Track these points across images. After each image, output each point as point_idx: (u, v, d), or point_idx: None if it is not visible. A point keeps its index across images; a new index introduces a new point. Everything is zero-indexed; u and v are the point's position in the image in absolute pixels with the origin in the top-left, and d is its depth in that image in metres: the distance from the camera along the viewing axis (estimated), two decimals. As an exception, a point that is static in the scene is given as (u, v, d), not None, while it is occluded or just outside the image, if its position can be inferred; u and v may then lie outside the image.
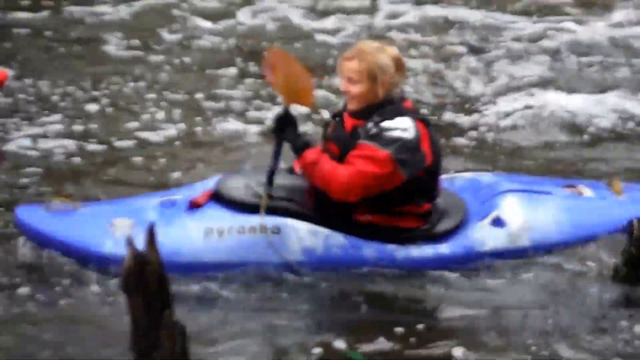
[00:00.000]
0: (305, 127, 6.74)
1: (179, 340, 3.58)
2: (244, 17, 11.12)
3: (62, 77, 8.93)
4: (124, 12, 11.09)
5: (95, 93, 8.50)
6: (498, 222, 5.08)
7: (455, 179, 5.50)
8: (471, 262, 5.13)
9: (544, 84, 9.06)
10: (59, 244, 5.06)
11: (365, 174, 4.77)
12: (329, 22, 10.91)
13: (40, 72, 9.11)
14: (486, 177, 5.69)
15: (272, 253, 5.00)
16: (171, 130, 7.73)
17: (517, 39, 10.63)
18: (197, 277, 4.95)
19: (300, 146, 4.89)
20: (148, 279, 3.49)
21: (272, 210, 5.02)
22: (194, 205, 5.14)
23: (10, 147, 7.45)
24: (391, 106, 4.95)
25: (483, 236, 5.06)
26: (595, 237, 5.28)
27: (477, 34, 10.80)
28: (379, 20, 11.16)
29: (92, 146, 7.52)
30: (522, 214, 5.18)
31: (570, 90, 8.79)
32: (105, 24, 10.80)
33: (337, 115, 5.27)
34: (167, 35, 10.36)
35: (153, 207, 5.24)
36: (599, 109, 8.16)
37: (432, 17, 11.21)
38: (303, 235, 5.03)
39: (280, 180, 5.23)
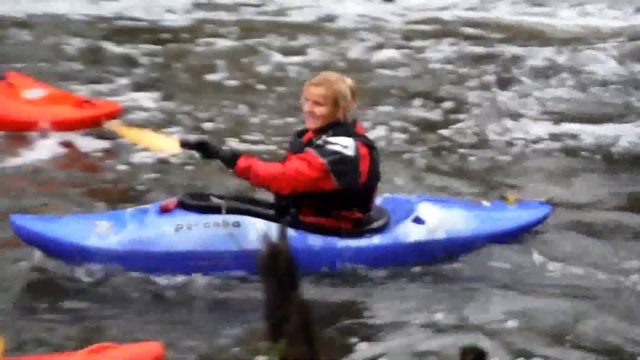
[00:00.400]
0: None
1: (304, 315, 3.64)
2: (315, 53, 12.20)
3: (186, 99, 9.98)
4: (224, 46, 12.33)
5: (209, 114, 9.38)
6: (418, 220, 5.55)
7: (378, 198, 5.72)
8: (399, 253, 5.53)
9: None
10: (51, 242, 5.35)
11: (296, 172, 5.16)
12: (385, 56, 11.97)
13: (170, 94, 9.97)
14: (404, 196, 6.24)
15: (233, 243, 5.31)
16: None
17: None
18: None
19: (230, 157, 5.21)
20: (280, 265, 3.56)
21: (231, 211, 5.41)
22: (164, 210, 5.41)
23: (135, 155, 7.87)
24: (343, 127, 5.34)
25: (407, 231, 5.52)
26: (494, 234, 5.83)
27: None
28: (423, 55, 12.13)
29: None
30: (437, 214, 5.65)
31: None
32: (215, 54, 11.86)
33: (302, 132, 5.66)
34: (260, 68, 11.43)
35: (128, 213, 5.56)
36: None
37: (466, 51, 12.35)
38: (259, 227, 5.26)
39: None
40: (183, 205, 5.44)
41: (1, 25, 13.01)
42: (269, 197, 5.68)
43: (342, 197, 5.33)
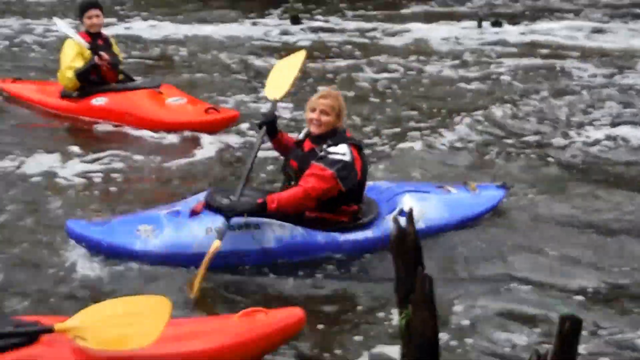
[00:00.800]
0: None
1: (427, 286, 4.42)
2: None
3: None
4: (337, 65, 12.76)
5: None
6: (403, 213, 6.03)
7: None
8: (388, 242, 5.78)
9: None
10: (104, 247, 6.06)
11: (313, 189, 5.90)
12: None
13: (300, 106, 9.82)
14: (384, 184, 7.02)
15: (255, 243, 6.11)
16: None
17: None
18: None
19: (259, 208, 5.88)
20: (407, 245, 4.44)
21: (251, 214, 6.05)
22: (194, 213, 6.18)
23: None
24: (340, 134, 6.14)
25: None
26: (462, 219, 6.69)
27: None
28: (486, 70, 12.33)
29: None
30: (417, 207, 6.00)
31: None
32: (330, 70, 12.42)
33: (303, 138, 6.36)
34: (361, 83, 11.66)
35: (164, 216, 6.25)
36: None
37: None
38: (275, 229, 6.12)
39: (253, 192, 6.44)
40: (209, 207, 6.13)
41: (164, 44, 14.34)
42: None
43: (342, 195, 6.07)
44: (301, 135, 6.45)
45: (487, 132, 9.52)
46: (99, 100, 9.09)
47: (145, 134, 9.12)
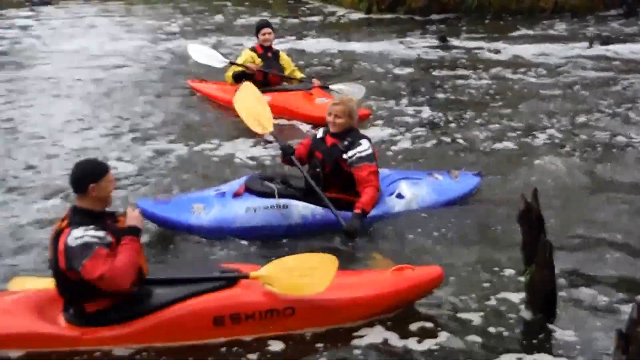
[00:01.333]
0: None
1: (547, 250, 4.94)
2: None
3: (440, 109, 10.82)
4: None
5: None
6: (400, 196, 6.87)
7: None
8: (389, 217, 6.78)
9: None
10: (166, 221, 6.63)
11: (377, 182, 6.55)
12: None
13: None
14: (384, 171, 7.30)
15: (283, 219, 6.63)
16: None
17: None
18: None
19: (362, 216, 6.35)
20: (532, 217, 4.97)
21: (281, 195, 6.68)
22: (236, 194, 6.72)
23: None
24: (354, 131, 6.70)
25: (394, 204, 6.83)
26: (447, 201, 7.16)
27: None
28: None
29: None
30: (410, 191, 6.98)
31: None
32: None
33: (322, 135, 6.84)
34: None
35: (214, 196, 6.83)
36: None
37: None
38: (300, 209, 6.65)
39: (294, 180, 6.91)
40: (249, 190, 6.72)
41: (325, 56, 14.73)
42: (301, 181, 6.87)
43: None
44: (320, 134, 6.92)
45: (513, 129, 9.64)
46: (268, 97, 9.71)
47: (297, 124, 9.91)
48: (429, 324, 5.08)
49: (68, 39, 16.53)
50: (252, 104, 7.44)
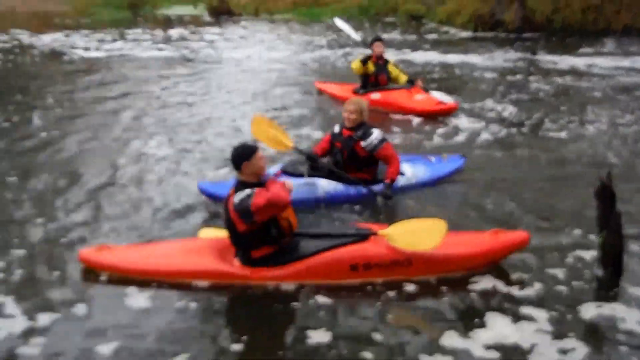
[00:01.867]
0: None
1: (618, 219, 5.01)
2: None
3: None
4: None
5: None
6: (401, 173, 6.86)
7: None
8: (396, 190, 6.78)
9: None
10: (216, 196, 6.48)
11: (397, 157, 6.70)
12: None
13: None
14: None
15: (312, 193, 6.65)
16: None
17: None
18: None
19: (392, 185, 6.61)
20: (607, 193, 5.01)
21: (310, 175, 6.74)
22: (277, 175, 6.70)
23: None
24: (365, 125, 6.73)
25: (398, 180, 6.77)
26: (439, 177, 7.22)
27: None
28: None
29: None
30: (410, 169, 7.05)
31: None
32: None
33: (339, 130, 6.89)
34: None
35: None
36: None
37: None
38: (324, 185, 6.68)
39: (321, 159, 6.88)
40: (285, 172, 6.83)
41: (431, 65, 15.06)
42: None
43: (373, 159, 6.78)
44: (337, 129, 6.95)
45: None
46: (375, 95, 10.41)
47: (399, 117, 10.15)
48: (524, 275, 5.24)
49: (240, 49, 17.13)
50: (267, 131, 7.06)
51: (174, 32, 19.77)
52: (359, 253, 5.18)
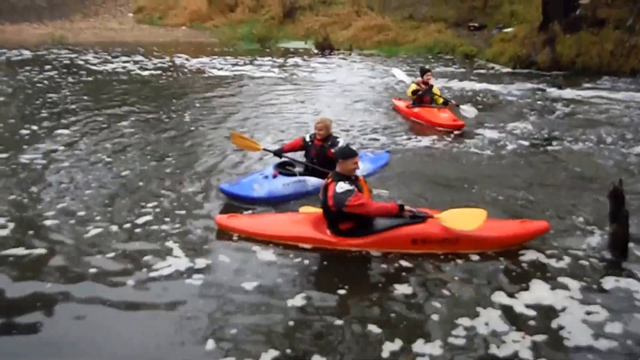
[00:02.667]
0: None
1: (625, 216, 5.11)
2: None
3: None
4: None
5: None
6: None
7: None
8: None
9: None
10: (238, 196, 6.40)
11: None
12: None
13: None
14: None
15: (304, 187, 6.60)
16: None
17: None
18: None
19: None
20: (617, 194, 5.08)
21: (301, 174, 6.72)
22: (274, 176, 6.60)
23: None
24: (331, 136, 6.79)
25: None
26: (374, 170, 7.34)
27: None
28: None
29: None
30: (362, 164, 6.39)
31: None
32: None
33: (311, 139, 6.88)
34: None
35: (262, 178, 6.60)
36: None
37: None
38: (312, 180, 6.64)
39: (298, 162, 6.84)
40: (281, 173, 6.71)
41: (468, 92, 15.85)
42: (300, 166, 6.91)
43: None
44: (308, 138, 6.93)
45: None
46: (415, 109, 10.78)
47: (430, 129, 10.19)
48: (541, 255, 5.30)
49: (335, 74, 17.17)
50: (242, 141, 7.16)
51: (289, 60, 19.85)
52: (418, 230, 5.24)
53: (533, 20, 19.64)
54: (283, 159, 6.98)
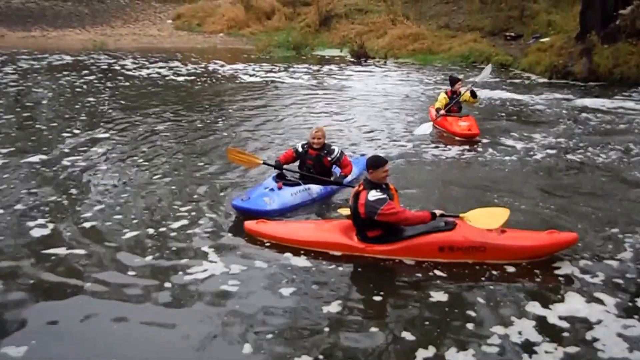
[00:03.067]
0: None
1: None
2: None
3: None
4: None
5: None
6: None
7: None
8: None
9: None
10: (250, 211, 6.22)
11: (351, 164, 6.94)
12: None
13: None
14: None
15: (309, 196, 6.70)
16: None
17: None
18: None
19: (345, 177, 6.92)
20: None
21: (304, 183, 6.76)
22: (279, 187, 6.62)
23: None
24: (326, 145, 6.94)
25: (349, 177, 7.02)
26: (359, 172, 7.35)
27: None
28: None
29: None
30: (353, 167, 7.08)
31: None
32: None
33: (305, 149, 7.00)
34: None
35: (269, 191, 6.58)
36: None
37: None
38: (315, 189, 6.77)
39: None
40: (285, 184, 6.77)
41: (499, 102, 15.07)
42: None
43: (331, 167, 7.01)
44: (300, 149, 7.06)
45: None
46: (440, 118, 10.56)
47: (450, 137, 10.20)
48: (575, 267, 5.23)
49: (366, 81, 17.25)
50: (239, 156, 7.13)
51: (323, 68, 19.97)
52: (445, 238, 5.20)
53: (570, 30, 19.40)
54: (277, 171, 7.08)
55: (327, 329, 4.27)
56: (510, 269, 5.14)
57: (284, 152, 7.35)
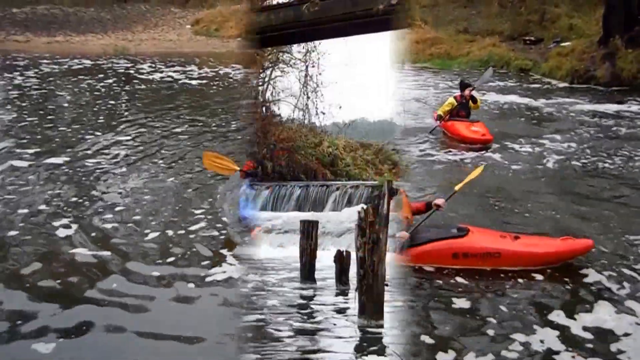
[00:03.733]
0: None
1: None
2: None
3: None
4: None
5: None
6: None
7: None
8: None
9: None
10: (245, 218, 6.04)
11: None
12: None
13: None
14: None
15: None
16: None
17: None
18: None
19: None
20: None
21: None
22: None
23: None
24: None
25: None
26: None
27: None
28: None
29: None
30: None
31: None
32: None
33: None
34: None
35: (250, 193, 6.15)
36: None
37: None
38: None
39: None
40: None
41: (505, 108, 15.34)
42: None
43: None
44: None
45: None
46: (449, 123, 10.43)
47: (457, 143, 10.03)
48: (587, 270, 5.22)
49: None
50: (215, 161, 6.55)
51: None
52: (459, 244, 5.18)
53: (592, 34, 19.05)
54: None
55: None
56: (535, 276, 5.09)
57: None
